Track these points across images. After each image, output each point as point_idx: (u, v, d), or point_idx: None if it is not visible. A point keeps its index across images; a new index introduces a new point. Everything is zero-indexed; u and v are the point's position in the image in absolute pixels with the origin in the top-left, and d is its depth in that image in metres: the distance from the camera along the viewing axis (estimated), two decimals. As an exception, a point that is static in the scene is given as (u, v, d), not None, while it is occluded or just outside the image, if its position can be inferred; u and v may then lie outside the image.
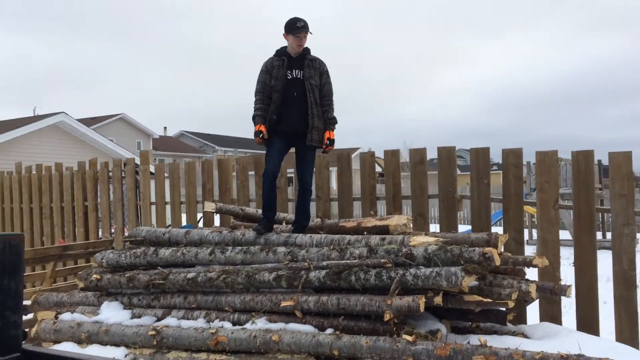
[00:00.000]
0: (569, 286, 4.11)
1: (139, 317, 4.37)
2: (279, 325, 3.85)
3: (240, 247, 4.48)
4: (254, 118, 4.72)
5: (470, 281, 3.55)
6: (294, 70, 4.68)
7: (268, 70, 4.72)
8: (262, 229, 4.61)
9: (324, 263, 4.00)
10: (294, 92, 4.65)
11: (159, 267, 4.55)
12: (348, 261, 3.93)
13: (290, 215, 5.34)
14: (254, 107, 4.73)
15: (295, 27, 4.63)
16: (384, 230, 4.47)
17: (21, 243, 1.65)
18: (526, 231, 12.25)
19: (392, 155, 5.49)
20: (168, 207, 7.03)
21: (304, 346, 3.63)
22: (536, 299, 4.21)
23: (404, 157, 12.53)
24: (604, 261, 4.91)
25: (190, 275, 4.32)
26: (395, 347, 3.36)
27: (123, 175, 7.43)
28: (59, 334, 4.40)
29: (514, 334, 4.02)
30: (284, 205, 6.06)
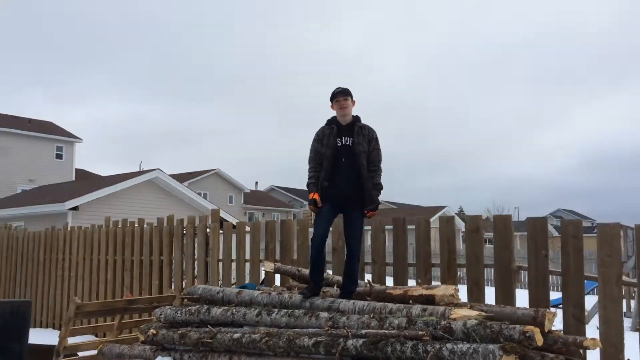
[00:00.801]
0: (630, 371, 3.80)
1: (187, 374, 4.52)
2: (314, 393, 3.85)
3: (285, 310, 4.56)
4: (308, 186, 4.90)
5: (508, 360, 3.39)
6: (343, 138, 4.84)
7: (320, 139, 4.91)
8: (308, 293, 4.68)
9: (363, 331, 3.99)
10: (343, 158, 4.80)
11: (208, 326, 4.73)
12: (386, 331, 3.90)
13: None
14: (308, 175, 4.91)
15: (334, 94, 4.87)
16: (430, 300, 4.40)
17: (28, 309, 1.84)
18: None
19: (447, 222, 5.43)
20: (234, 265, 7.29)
21: (335, 417, 3.60)
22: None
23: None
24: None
25: (235, 336, 4.45)
26: None
27: (195, 232, 7.82)
28: (114, 385, 4.65)
29: (564, 420, 3.74)
30: (340, 267, 6.09)
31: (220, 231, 7.52)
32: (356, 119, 4.95)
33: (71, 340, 5.82)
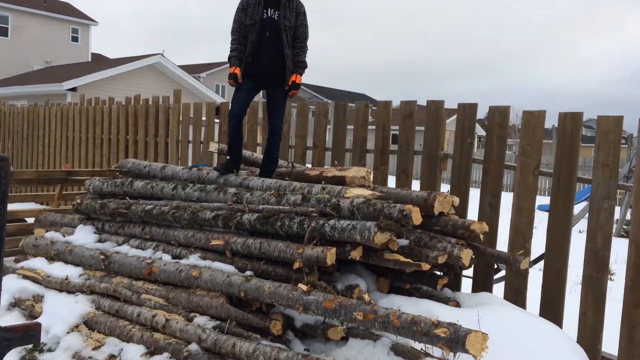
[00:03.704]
0: (526, 258, 3.76)
1: (104, 242, 4.65)
2: (206, 263, 3.93)
3: (198, 185, 4.56)
4: (229, 59, 4.68)
5: (384, 238, 3.36)
6: (269, 10, 4.56)
7: (244, 9, 4.62)
8: (222, 170, 4.65)
9: (260, 207, 3.98)
10: (267, 32, 4.54)
11: (126, 197, 4.79)
12: (280, 207, 3.88)
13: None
14: (230, 48, 4.68)
15: None
16: (341, 181, 4.33)
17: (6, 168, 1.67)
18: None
19: (384, 106, 5.23)
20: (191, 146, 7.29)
21: (217, 285, 3.68)
22: (469, 266, 3.94)
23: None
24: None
25: (147, 208, 4.51)
26: (291, 295, 3.31)
27: (158, 113, 7.77)
28: (36, 249, 4.82)
29: (448, 300, 3.78)
30: (284, 151, 6.03)
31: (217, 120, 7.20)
32: None
33: (15, 207, 6.02)
